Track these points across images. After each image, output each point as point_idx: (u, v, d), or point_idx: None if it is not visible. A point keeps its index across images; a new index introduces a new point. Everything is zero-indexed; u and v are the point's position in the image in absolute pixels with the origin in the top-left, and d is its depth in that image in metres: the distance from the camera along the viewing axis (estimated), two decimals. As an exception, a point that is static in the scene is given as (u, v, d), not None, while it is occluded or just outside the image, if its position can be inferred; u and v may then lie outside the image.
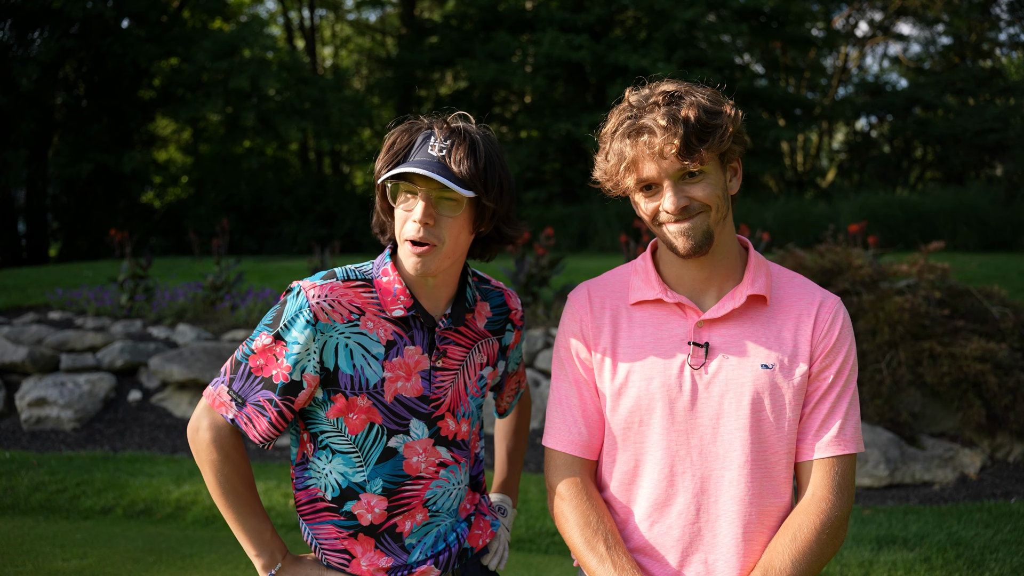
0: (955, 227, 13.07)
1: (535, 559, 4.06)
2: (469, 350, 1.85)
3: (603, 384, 1.76)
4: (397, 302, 1.76)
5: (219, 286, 7.94)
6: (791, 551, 1.61)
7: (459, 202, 1.70)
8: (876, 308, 5.67)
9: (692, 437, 1.69)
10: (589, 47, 16.64)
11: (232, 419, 1.75)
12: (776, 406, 1.67)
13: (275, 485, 5.00)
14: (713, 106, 1.62)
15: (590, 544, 1.68)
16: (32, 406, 6.32)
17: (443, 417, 1.80)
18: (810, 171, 22.14)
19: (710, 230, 1.65)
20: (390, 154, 1.75)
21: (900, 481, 5.19)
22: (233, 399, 1.75)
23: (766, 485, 1.68)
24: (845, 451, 1.67)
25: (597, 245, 15.08)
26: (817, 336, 1.69)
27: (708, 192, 1.63)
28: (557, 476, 1.78)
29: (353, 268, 1.82)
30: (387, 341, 1.76)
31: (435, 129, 1.73)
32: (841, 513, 1.66)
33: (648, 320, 1.74)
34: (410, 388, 1.77)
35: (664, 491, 1.70)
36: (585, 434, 1.78)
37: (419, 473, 1.79)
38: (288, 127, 16.50)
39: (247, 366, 1.75)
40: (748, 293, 1.70)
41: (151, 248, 15.95)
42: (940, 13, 21.16)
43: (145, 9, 16.87)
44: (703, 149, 1.58)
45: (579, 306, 1.81)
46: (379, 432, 1.75)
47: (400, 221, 1.73)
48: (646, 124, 1.60)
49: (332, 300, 1.73)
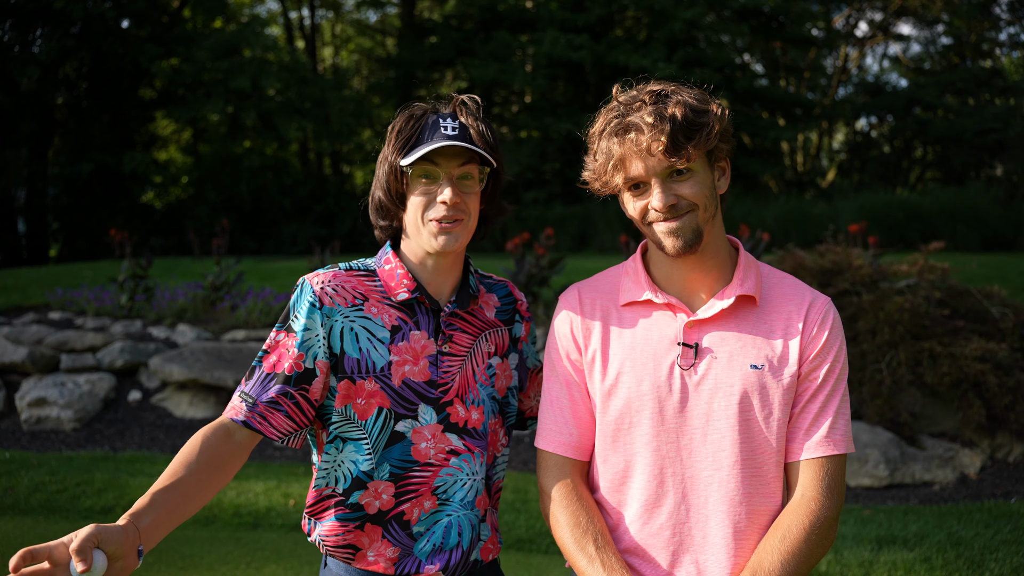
0: (955, 227, 13.07)
1: (535, 559, 4.06)
2: (476, 338, 1.86)
3: (593, 385, 1.76)
4: (401, 286, 1.80)
5: (219, 286, 7.94)
6: (780, 551, 1.62)
7: (475, 178, 1.78)
8: (876, 308, 5.67)
9: (682, 438, 1.69)
10: (589, 47, 16.65)
11: (244, 421, 1.71)
12: (765, 406, 1.67)
13: (275, 485, 5.00)
14: (700, 104, 1.63)
15: (580, 544, 1.68)
16: (32, 406, 6.32)
17: (452, 403, 1.81)
18: (810, 171, 22.15)
19: (699, 228, 1.66)
20: (400, 140, 1.78)
21: (900, 481, 5.20)
22: (244, 401, 1.74)
23: (756, 485, 1.68)
24: (835, 451, 1.68)
25: (597, 245, 15.09)
26: (807, 336, 1.69)
27: (696, 190, 1.64)
28: (548, 478, 1.78)
29: (356, 262, 1.87)
30: (392, 326, 1.78)
31: (437, 112, 1.80)
32: (831, 514, 1.66)
33: (638, 321, 1.75)
34: (417, 372, 1.78)
35: (654, 492, 1.70)
36: (576, 435, 1.78)
37: (428, 460, 1.79)
38: (288, 127, 16.51)
39: (261, 369, 1.75)
40: (737, 293, 1.70)
41: (151, 248, 15.94)
42: (940, 13, 21.17)
43: (146, 9, 16.88)
44: (690, 146, 1.60)
45: (570, 307, 1.82)
46: (387, 416, 1.76)
47: (420, 206, 1.77)
48: (633, 122, 1.62)
49: (335, 285, 1.78)
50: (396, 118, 1.82)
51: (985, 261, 9.47)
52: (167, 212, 19.07)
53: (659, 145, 1.59)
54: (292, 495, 4.85)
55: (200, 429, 1.71)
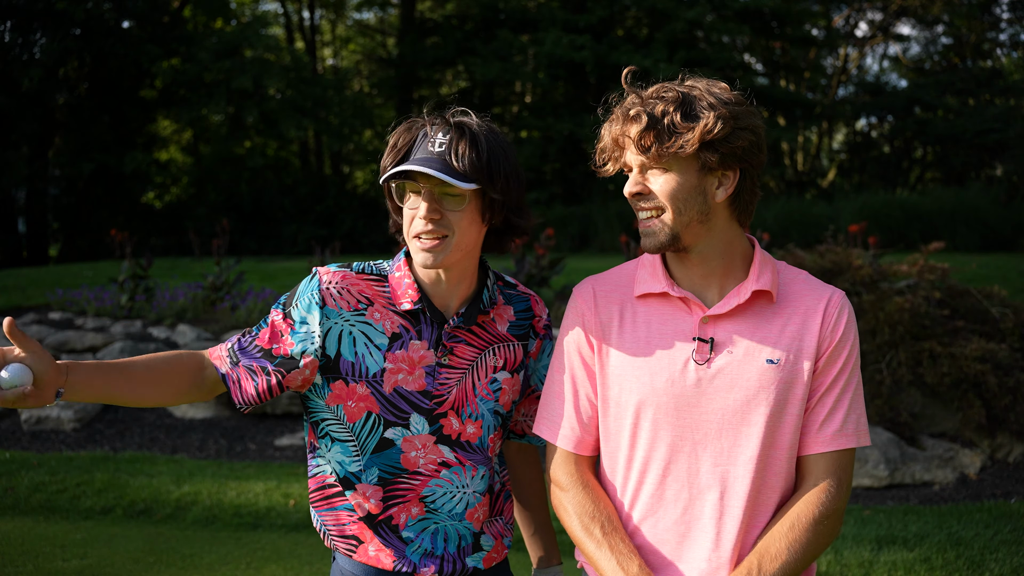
0: (955, 227, 13.07)
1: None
2: (482, 351, 1.84)
3: (605, 379, 1.76)
4: (406, 296, 1.79)
5: (219, 286, 7.94)
6: (788, 538, 1.63)
7: (462, 196, 1.72)
8: (876, 308, 5.67)
9: (696, 432, 1.69)
10: (591, 47, 16.65)
11: (223, 375, 1.80)
12: (781, 401, 1.67)
13: (275, 485, 5.00)
14: (697, 111, 1.63)
15: (588, 530, 1.71)
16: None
17: (446, 415, 1.80)
18: (810, 171, 22.15)
19: (673, 231, 1.67)
20: (392, 153, 1.78)
21: (900, 481, 5.20)
22: (229, 356, 1.81)
23: (770, 480, 1.69)
24: (847, 445, 1.70)
25: (597, 245, 15.10)
26: (824, 331, 1.70)
27: (667, 189, 1.66)
28: (557, 469, 1.80)
29: (371, 264, 1.86)
30: (392, 333, 1.78)
31: (432, 125, 1.76)
32: (840, 505, 1.68)
33: (653, 315, 1.75)
34: (412, 381, 1.78)
35: (667, 486, 1.71)
36: (584, 427, 1.79)
37: (417, 469, 1.79)
38: (290, 126, 16.51)
39: (255, 336, 1.82)
40: (753, 289, 1.70)
41: (151, 248, 15.95)
42: (940, 13, 21.16)
43: (147, 10, 16.88)
44: (659, 148, 1.63)
45: (583, 300, 1.82)
46: (376, 422, 1.77)
47: (408, 219, 1.76)
48: (623, 110, 1.69)
49: (342, 287, 1.78)
50: (396, 128, 1.81)
51: (985, 261, 9.47)
52: (167, 212, 19.07)
53: (629, 139, 1.66)
54: (292, 495, 4.85)
55: (185, 349, 1.77)
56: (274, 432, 6.17)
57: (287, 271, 10.21)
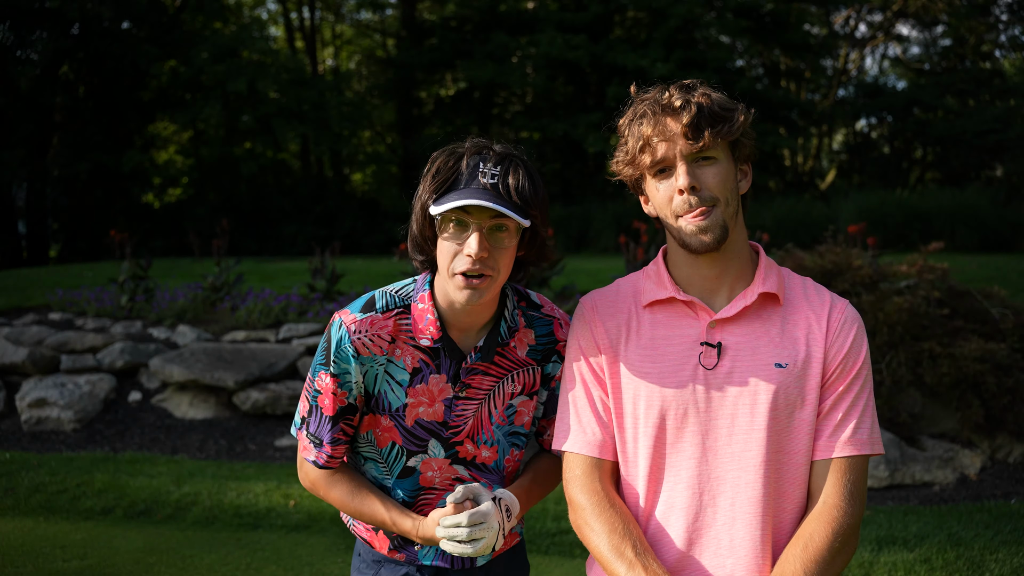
0: (954, 228, 13.08)
1: (535, 559, 4.06)
2: (500, 380, 1.85)
3: (615, 387, 1.75)
4: (427, 332, 1.78)
5: (219, 287, 7.94)
6: (803, 560, 1.60)
7: (510, 230, 1.68)
8: (876, 309, 5.67)
9: (707, 439, 1.67)
10: (587, 47, 16.65)
11: (314, 461, 1.87)
12: (790, 405, 1.66)
13: (275, 486, 5.00)
14: (725, 99, 1.69)
15: (618, 550, 1.64)
16: (32, 407, 6.33)
17: (461, 443, 1.86)
18: (810, 172, 22.16)
19: (725, 224, 1.67)
20: (437, 181, 1.69)
21: (900, 482, 5.20)
22: (312, 441, 1.86)
23: (783, 486, 1.67)
24: (860, 452, 1.66)
25: (596, 246, 15.10)
26: (831, 337, 1.69)
27: (718, 180, 1.66)
28: (576, 486, 1.75)
29: (393, 293, 1.82)
30: (413, 368, 1.80)
31: (483, 155, 1.70)
32: (853, 520, 1.64)
33: (660, 322, 1.74)
34: (431, 413, 1.83)
35: (680, 493, 1.69)
36: (600, 435, 1.76)
37: (433, 484, 1.88)
38: (286, 132, 16.49)
39: (318, 408, 1.83)
40: (760, 291, 1.70)
41: (151, 249, 15.94)
42: (940, 14, 21.17)
43: (145, 11, 16.87)
44: (712, 132, 1.63)
45: (590, 310, 1.81)
46: (399, 452, 1.86)
47: (449, 253, 1.68)
48: (661, 105, 1.67)
49: (372, 335, 1.77)
50: (438, 154, 1.74)
51: (985, 261, 9.48)
52: (167, 213, 19.07)
53: (683, 129, 1.63)
54: (292, 496, 4.85)
55: (312, 483, 1.92)
56: (274, 433, 6.17)
57: (287, 271, 10.21)
